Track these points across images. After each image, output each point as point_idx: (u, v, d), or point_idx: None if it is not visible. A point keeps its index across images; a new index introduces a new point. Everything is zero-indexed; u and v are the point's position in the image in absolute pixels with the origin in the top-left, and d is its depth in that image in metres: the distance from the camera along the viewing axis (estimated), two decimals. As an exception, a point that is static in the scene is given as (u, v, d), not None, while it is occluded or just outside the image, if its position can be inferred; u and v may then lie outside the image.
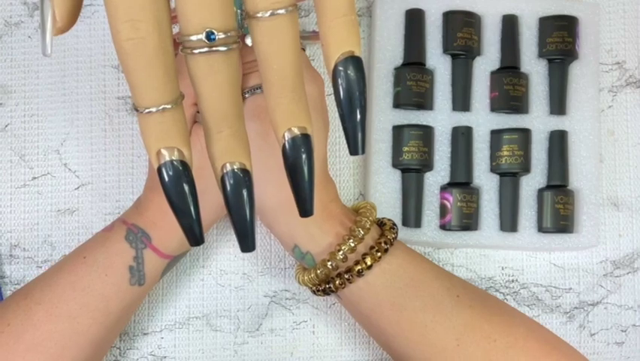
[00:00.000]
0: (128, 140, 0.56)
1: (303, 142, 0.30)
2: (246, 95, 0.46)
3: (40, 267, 0.55)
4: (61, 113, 0.56)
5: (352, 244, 0.45)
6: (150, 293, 0.54)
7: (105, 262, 0.46)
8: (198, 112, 0.45)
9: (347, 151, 0.34)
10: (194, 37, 0.28)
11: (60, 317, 0.45)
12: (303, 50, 0.48)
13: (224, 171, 0.30)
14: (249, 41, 0.37)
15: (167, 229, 0.46)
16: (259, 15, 0.29)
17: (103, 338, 0.47)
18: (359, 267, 0.45)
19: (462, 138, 0.55)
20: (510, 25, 0.56)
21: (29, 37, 0.56)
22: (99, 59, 0.56)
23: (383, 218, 0.48)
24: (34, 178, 0.56)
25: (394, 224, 0.47)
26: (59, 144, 0.56)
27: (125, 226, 0.47)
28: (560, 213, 0.54)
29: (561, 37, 0.55)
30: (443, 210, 0.54)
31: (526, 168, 0.55)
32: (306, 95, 0.31)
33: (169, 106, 0.29)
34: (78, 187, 0.56)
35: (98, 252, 0.46)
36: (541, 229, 0.55)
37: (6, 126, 0.56)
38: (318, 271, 0.46)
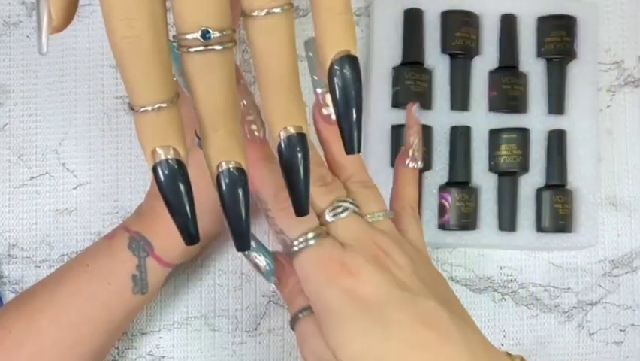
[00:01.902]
0: (127, 140, 0.56)
1: (299, 141, 0.30)
2: (300, 316, 0.38)
3: (39, 267, 0.55)
4: (59, 112, 0.56)
5: None
6: (148, 293, 0.54)
7: (108, 270, 0.46)
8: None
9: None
10: (189, 36, 0.28)
11: (62, 325, 0.45)
12: None
13: (220, 170, 0.30)
14: None
15: (169, 238, 0.46)
16: (255, 14, 0.29)
17: (103, 346, 0.47)
18: None
19: (460, 137, 0.55)
20: (508, 24, 0.56)
21: (28, 37, 0.56)
22: (97, 58, 0.56)
23: None
24: (33, 178, 0.56)
25: None
26: (57, 143, 0.56)
27: (128, 233, 0.47)
28: (558, 212, 0.54)
29: (559, 37, 0.55)
30: (442, 210, 0.54)
31: (524, 168, 0.55)
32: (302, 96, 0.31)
33: (164, 105, 0.29)
34: (76, 187, 0.56)
35: (101, 260, 0.46)
36: (539, 228, 0.55)
37: (4, 126, 0.56)
38: None
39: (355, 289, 0.35)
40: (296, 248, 0.36)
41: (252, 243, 0.39)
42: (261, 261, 0.39)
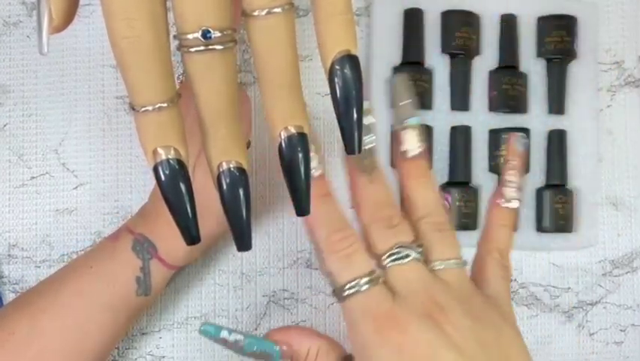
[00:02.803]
0: (127, 139, 0.56)
1: (300, 141, 0.30)
2: None
3: (39, 267, 0.55)
4: (59, 112, 0.56)
5: None
6: (149, 293, 0.54)
7: (112, 272, 0.46)
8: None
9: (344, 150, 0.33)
10: (190, 36, 0.28)
11: (65, 327, 0.45)
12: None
13: (221, 169, 0.30)
14: None
15: (173, 240, 0.46)
16: (255, 13, 0.29)
17: (106, 346, 0.47)
18: None
19: (460, 137, 0.55)
20: (509, 24, 0.56)
21: (28, 36, 0.56)
22: (97, 58, 0.56)
23: None
24: (33, 178, 0.56)
25: None
26: (58, 143, 0.56)
27: (132, 235, 0.47)
28: (558, 212, 0.54)
29: (560, 37, 0.55)
30: (442, 210, 0.54)
31: (524, 168, 0.55)
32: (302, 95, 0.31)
33: (165, 105, 0.29)
34: (76, 187, 0.56)
35: (104, 262, 0.46)
36: (540, 228, 0.55)
37: (4, 126, 0.56)
38: None
39: (404, 346, 0.33)
40: (346, 293, 0.34)
41: (249, 340, 0.36)
42: (264, 355, 0.37)
